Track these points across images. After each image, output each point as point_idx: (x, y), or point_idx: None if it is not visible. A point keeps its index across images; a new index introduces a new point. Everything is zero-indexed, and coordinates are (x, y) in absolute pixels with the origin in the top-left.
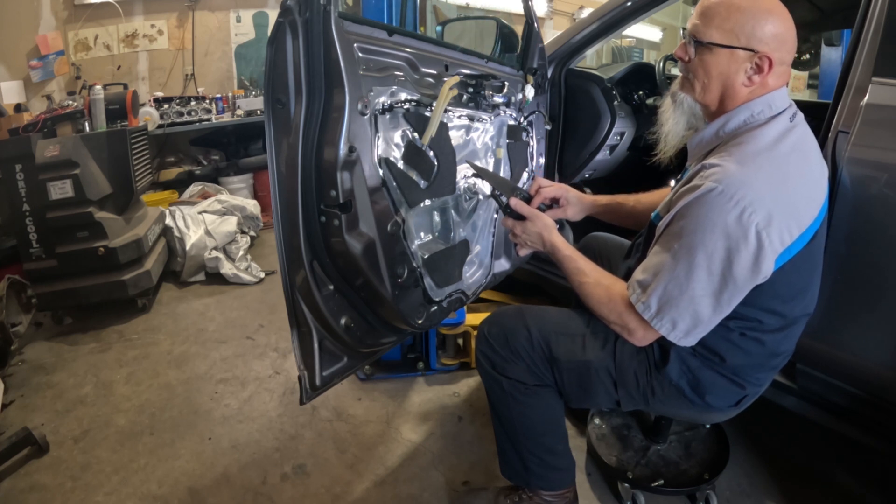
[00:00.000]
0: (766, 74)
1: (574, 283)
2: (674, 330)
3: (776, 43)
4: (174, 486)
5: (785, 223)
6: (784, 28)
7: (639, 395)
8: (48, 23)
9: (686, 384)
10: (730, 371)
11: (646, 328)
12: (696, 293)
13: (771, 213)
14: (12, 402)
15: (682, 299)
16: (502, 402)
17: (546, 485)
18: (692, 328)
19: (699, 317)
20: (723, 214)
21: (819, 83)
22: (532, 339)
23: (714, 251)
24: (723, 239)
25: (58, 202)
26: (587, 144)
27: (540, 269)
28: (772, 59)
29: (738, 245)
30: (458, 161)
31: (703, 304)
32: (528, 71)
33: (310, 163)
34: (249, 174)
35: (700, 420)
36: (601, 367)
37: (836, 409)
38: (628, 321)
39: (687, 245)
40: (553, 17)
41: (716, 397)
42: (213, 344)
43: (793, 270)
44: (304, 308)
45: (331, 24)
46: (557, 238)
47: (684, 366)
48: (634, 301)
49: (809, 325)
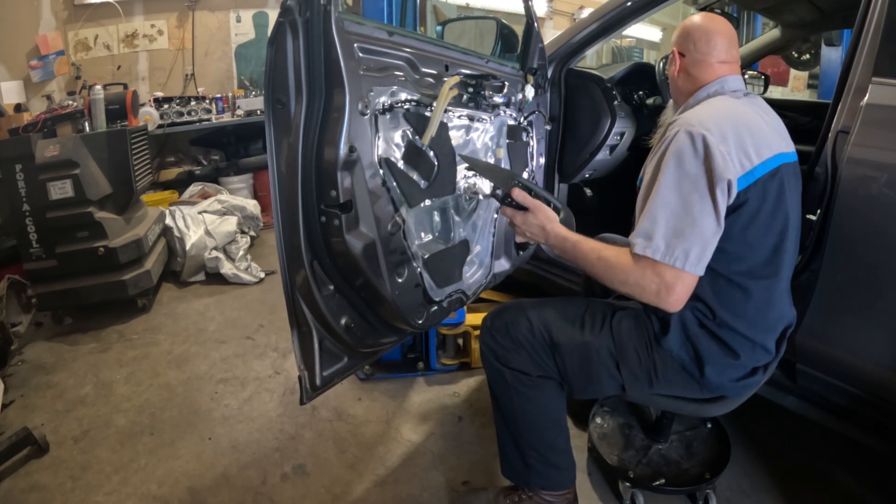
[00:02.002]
0: (679, 62)
1: (592, 263)
2: (688, 259)
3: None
4: (174, 486)
5: (741, 145)
6: (692, 30)
7: (643, 373)
8: (48, 23)
9: (686, 355)
10: (725, 331)
11: (674, 273)
12: (696, 215)
13: (725, 134)
14: (12, 402)
15: (685, 225)
16: (505, 394)
17: (546, 484)
18: (702, 252)
19: (704, 237)
20: (687, 143)
21: (819, 83)
22: (533, 328)
23: (693, 172)
24: (695, 158)
25: (58, 202)
26: (587, 144)
27: (540, 268)
28: (676, 52)
29: (706, 167)
30: (460, 161)
31: (704, 222)
32: (528, 71)
33: (310, 163)
34: (249, 174)
35: (700, 413)
36: (602, 347)
37: (836, 409)
38: (649, 280)
39: (668, 181)
40: (553, 17)
41: (714, 369)
42: (213, 344)
43: (763, 198)
44: (304, 308)
45: (331, 24)
46: (561, 228)
47: (684, 334)
48: (642, 251)
49: (810, 324)
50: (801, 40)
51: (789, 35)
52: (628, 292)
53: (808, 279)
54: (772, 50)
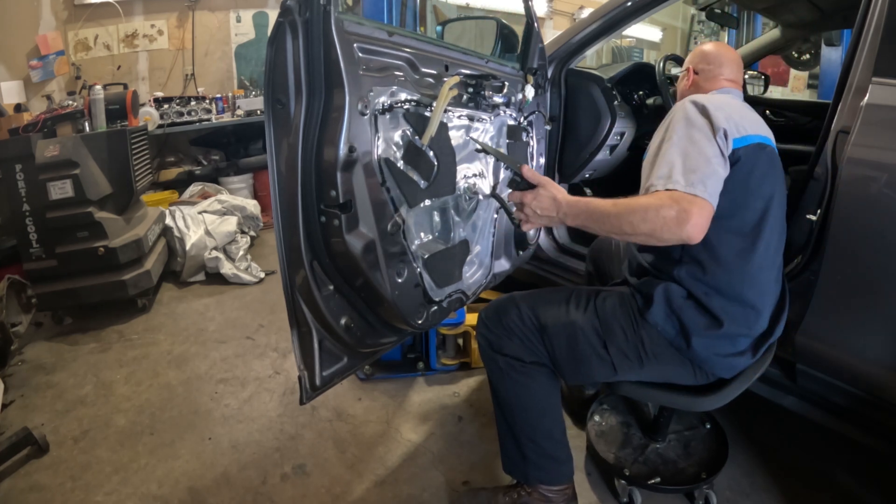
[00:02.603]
0: (692, 78)
1: (610, 214)
2: (707, 188)
3: (698, 60)
4: (174, 486)
5: (732, 118)
6: (708, 53)
7: (631, 351)
8: (48, 23)
9: (671, 328)
10: (712, 293)
11: (693, 201)
12: (707, 153)
13: (720, 107)
14: (12, 402)
15: (699, 163)
16: (500, 382)
17: (544, 477)
18: (717, 183)
19: (717, 172)
20: (691, 106)
21: (819, 83)
22: (522, 314)
23: (699, 123)
24: (698, 115)
25: (58, 202)
26: (587, 144)
27: (540, 269)
28: (691, 69)
29: (708, 116)
30: (458, 161)
31: (715, 160)
32: (528, 71)
33: (310, 163)
34: (249, 174)
35: (695, 406)
36: (587, 325)
37: (836, 409)
38: (668, 207)
39: (678, 133)
40: (553, 17)
41: (700, 341)
42: (213, 344)
43: (754, 164)
44: (304, 308)
45: (331, 24)
46: (571, 196)
47: (668, 307)
48: (663, 186)
49: (810, 324)
50: (801, 40)
51: (789, 35)
52: (648, 229)
53: (808, 279)
54: (772, 50)
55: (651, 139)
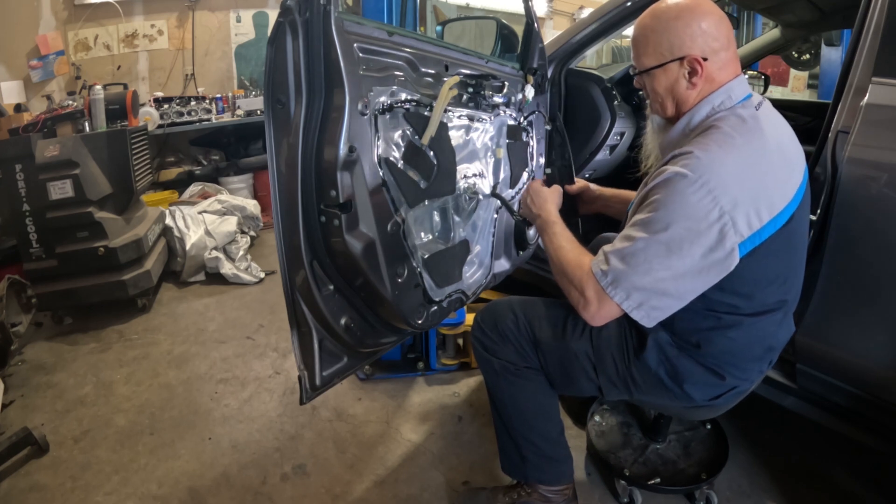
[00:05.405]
0: (703, 72)
1: (553, 250)
2: (627, 300)
3: (700, 40)
4: (174, 486)
5: (753, 207)
6: (701, 23)
7: (620, 382)
8: (48, 23)
9: (664, 373)
10: (709, 359)
11: (600, 298)
12: (654, 267)
13: (737, 197)
14: (12, 402)
15: (639, 271)
16: (496, 384)
17: (543, 477)
18: (645, 301)
19: (657, 292)
20: (689, 198)
21: (819, 83)
22: (518, 322)
23: (677, 232)
24: (686, 221)
25: (58, 202)
26: (587, 144)
27: (540, 269)
28: (699, 58)
29: (701, 229)
30: (457, 160)
31: (664, 283)
32: (528, 71)
33: (310, 163)
34: (249, 174)
35: (690, 416)
36: (580, 350)
37: (836, 409)
38: (586, 287)
39: (652, 222)
40: (553, 17)
41: (694, 387)
42: (213, 344)
43: (768, 254)
44: (304, 308)
45: (331, 24)
46: (554, 214)
47: (661, 354)
48: (595, 268)
49: (810, 324)
50: (801, 40)
51: (789, 35)
52: (566, 278)
53: (808, 279)
54: (772, 50)
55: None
